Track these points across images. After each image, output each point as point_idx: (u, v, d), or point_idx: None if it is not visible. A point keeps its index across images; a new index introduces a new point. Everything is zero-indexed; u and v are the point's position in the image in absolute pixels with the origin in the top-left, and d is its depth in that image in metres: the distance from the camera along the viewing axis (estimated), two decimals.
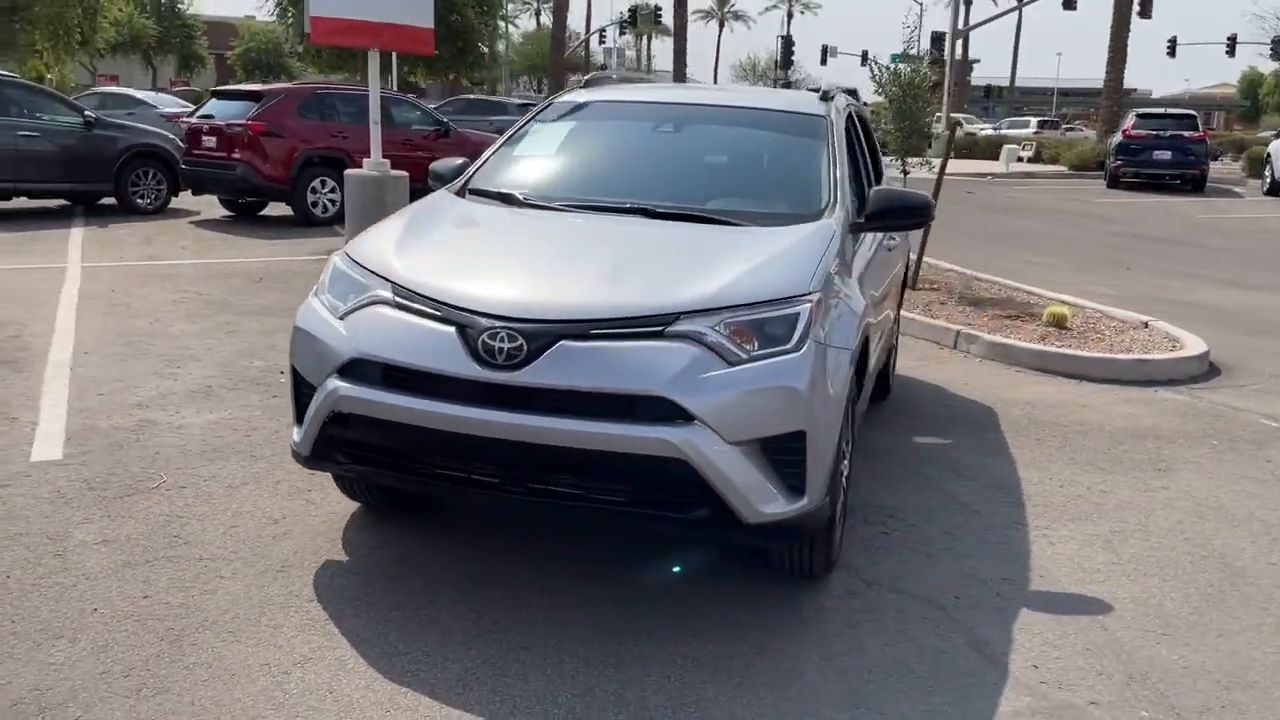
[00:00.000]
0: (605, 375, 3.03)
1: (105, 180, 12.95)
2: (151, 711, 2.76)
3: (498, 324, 3.09)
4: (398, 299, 3.30)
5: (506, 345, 3.05)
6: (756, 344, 3.14)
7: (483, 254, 3.72)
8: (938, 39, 36.28)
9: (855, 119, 5.02)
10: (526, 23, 79.77)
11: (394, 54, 25.78)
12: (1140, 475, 5.01)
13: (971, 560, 3.94)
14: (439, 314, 3.20)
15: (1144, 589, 3.77)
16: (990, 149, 32.76)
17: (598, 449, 3.01)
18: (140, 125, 14.55)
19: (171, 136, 13.82)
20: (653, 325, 3.10)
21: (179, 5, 59.41)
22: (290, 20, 32.28)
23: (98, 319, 7.33)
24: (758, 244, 3.62)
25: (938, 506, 4.48)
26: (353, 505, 4.10)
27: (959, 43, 38.94)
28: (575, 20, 69.45)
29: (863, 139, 5.02)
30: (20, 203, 13.13)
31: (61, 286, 8.45)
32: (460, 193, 4.29)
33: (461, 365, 3.09)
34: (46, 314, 7.44)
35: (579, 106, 4.83)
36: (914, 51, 9.33)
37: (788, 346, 3.15)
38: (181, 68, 61.97)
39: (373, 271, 3.45)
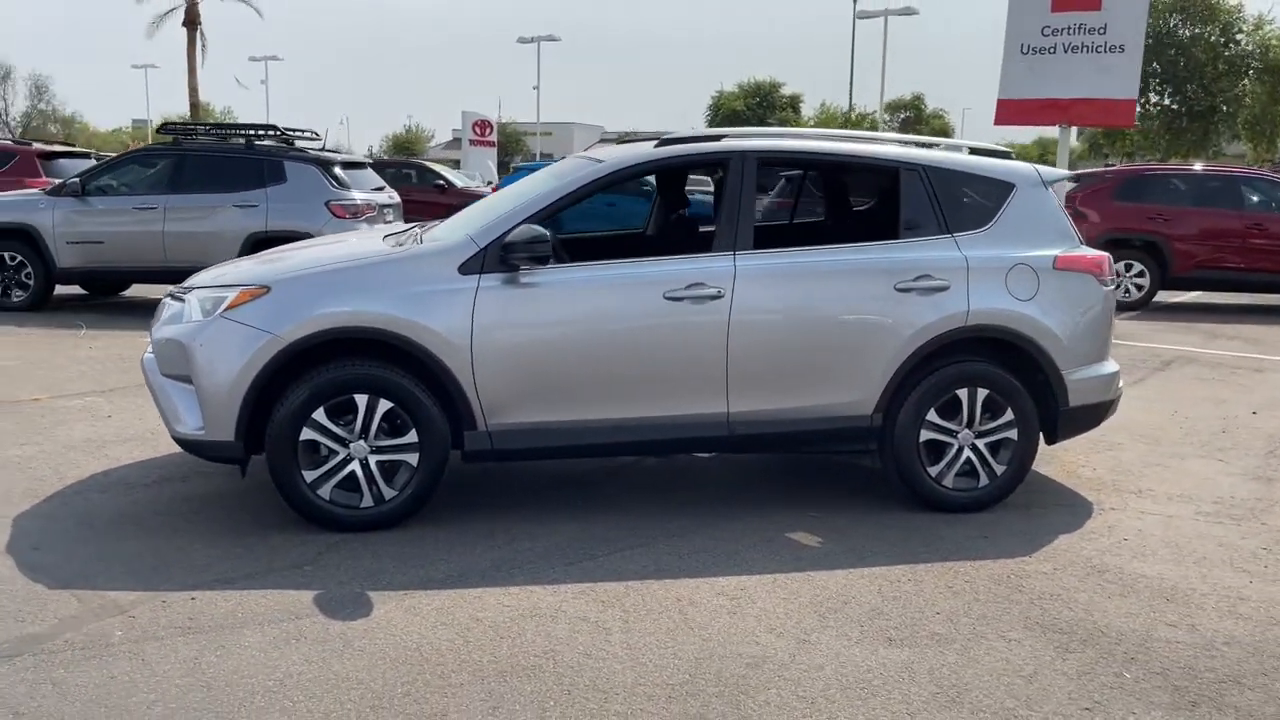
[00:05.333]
0: (158, 321, 4.63)
1: None
2: None
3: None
4: None
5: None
6: (214, 313, 4.32)
7: (282, 259, 5.10)
8: None
9: (731, 169, 4.61)
10: None
11: None
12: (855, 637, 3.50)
13: (428, 568, 4.04)
14: None
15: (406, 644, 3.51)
16: None
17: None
18: None
19: None
20: (186, 293, 4.55)
21: None
22: None
23: None
24: (350, 253, 4.66)
25: (571, 546, 4.30)
26: None
27: None
28: None
29: (727, 184, 4.60)
30: None
31: None
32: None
33: None
34: None
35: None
36: None
37: (209, 316, 4.29)
38: None
39: None
